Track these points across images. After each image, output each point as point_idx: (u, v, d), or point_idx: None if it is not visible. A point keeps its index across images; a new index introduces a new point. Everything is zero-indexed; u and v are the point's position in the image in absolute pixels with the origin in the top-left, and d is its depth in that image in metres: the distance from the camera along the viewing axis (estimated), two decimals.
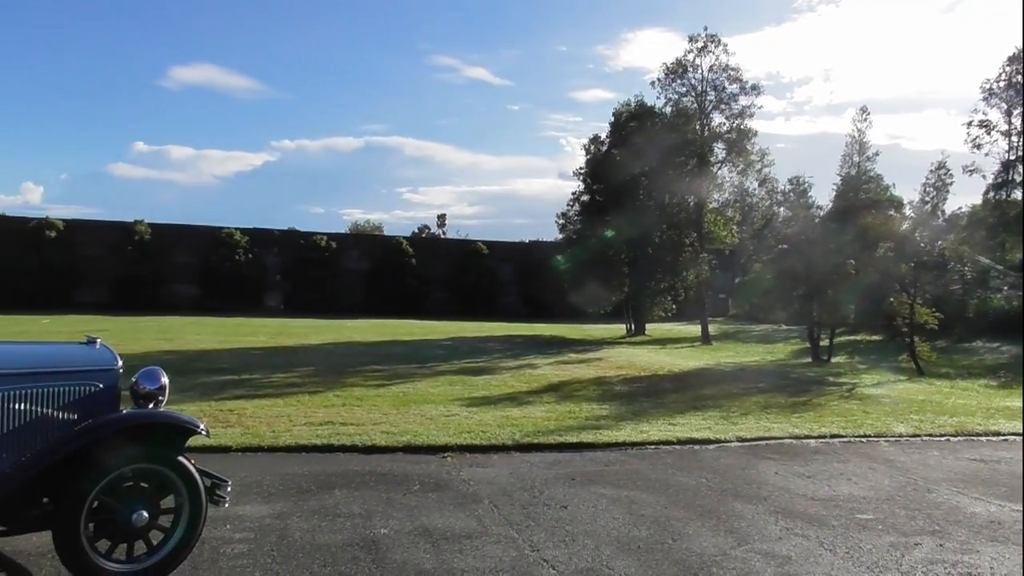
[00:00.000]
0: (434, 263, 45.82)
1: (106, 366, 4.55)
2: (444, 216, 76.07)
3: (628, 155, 27.81)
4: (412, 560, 4.68)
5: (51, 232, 40.11)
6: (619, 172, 27.72)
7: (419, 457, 7.66)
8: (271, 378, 13.40)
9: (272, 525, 5.28)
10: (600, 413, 10.48)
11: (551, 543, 5.10)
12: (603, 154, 29.51)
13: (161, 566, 4.19)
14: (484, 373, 15.19)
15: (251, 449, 7.64)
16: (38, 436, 4.15)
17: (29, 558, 4.53)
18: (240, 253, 42.17)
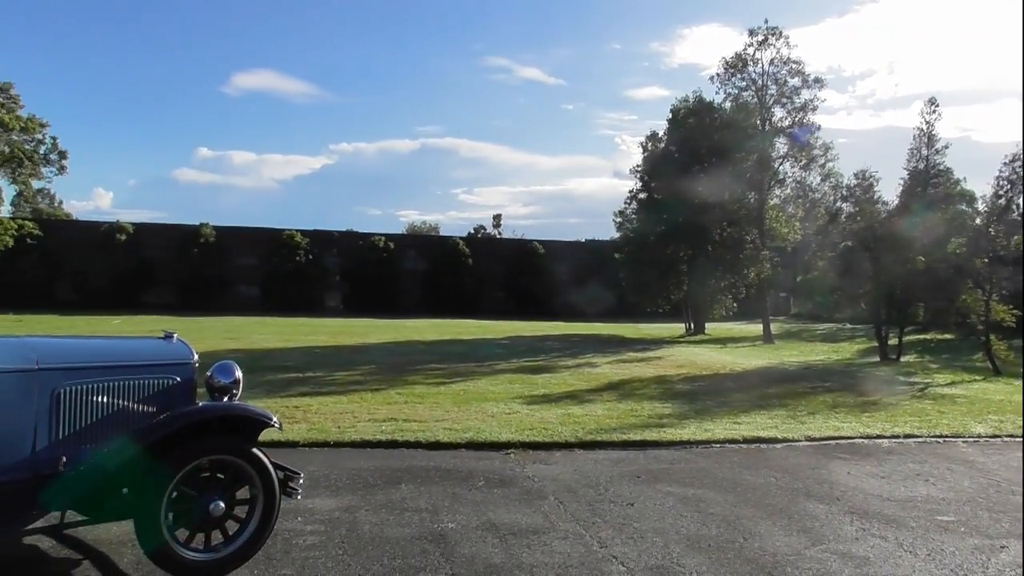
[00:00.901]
0: (491, 263, 46.00)
1: (183, 360, 4.67)
2: (499, 216, 76.21)
3: (687, 151, 27.46)
4: (481, 554, 4.68)
5: (121, 235, 41.54)
6: (678, 169, 27.38)
7: (482, 454, 7.66)
8: (334, 376, 13.60)
9: (341, 518, 5.34)
10: (662, 411, 10.35)
11: (619, 540, 5.04)
12: (661, 151, 29.21)
13: (237, 555, 4.27)
14: (543, 372, 15.16)
15: (318, 444, 7.76)
16: (120, 427, 4.28)
17: (111, 546, 4.66)
18: (301, 254, 43.00)
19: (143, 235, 42.08)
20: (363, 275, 43.72)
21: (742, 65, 28.22)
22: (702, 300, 28.89)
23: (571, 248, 48.76)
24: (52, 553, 4.61)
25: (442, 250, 46.52)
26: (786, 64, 27.79)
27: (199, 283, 41.11)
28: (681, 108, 28.95)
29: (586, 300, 43.96)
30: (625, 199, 31.43)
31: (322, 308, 42.31)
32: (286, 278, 42.27)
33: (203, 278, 41.23)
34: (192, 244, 42.08)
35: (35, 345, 4.20)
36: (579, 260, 46.49)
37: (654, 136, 29.99)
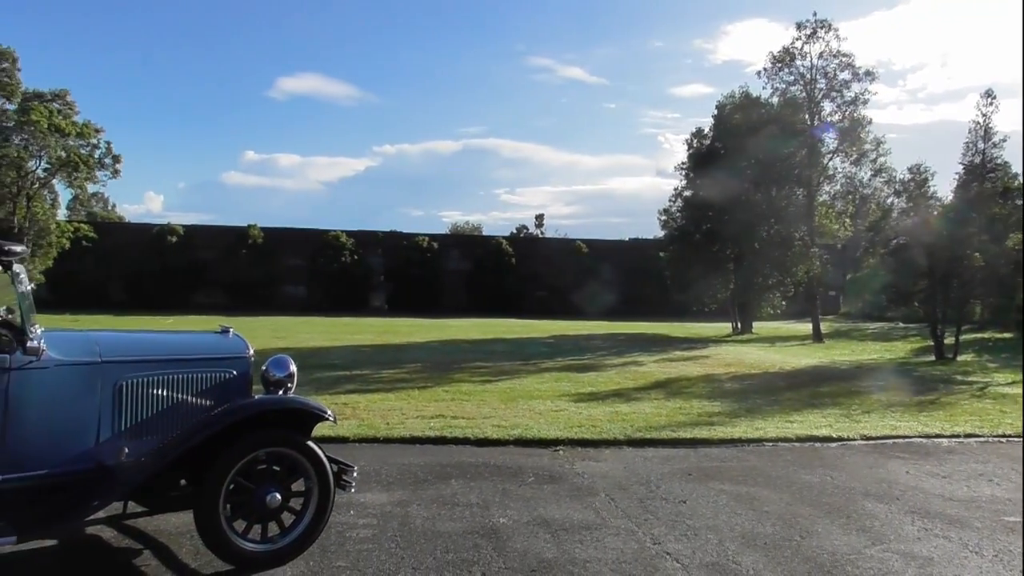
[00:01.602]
0: (534, 262, 46.00)
1: (239, 354, 4.75)
2: (542, 216, 76.03)
3: (733, 148, 27.09)
4: (533, 549, 4.66)
5: (172, 237, 42.50)
6: (724, 166, 27.03)
7: (531, 450, 7.65)
8: (380, 374, 13.71)
9: (393, 512, 5.36)
10: (712, 410, 10.22)
11: (672, 537, 4.98)
12: (707, 148, 28.87)
13: (293, 546, 4.32)
14: (589, 370, 15.09)
15: (367, 440, 7.82)
16: (179, 420, 4.36)
17: (170, 537, 4.75)
18: (346, 255, 43.51)
19: (193, 237, 42.99)
20: (407, 275, 44.06)
21: (790, 59, 27.72)
22: (749, 298, 28.45)
23: (615, 247, 48.52)
24: (114, 543, 4.71)
25: (485, 250, 46.65)
26: (836, 57, 27.24)
27: (247, 283, 41.84)
28: (727, 104, 28.59)
29: (630, 299, 43.72)
30: (670, 197, 31.16)
31: (366, 308, 42.76)
32: (331, 278, 42.81)
33: (251, 278, 41.96)
34: (240, 245, 42.87)
35: (98, 339, 4.30)
36: (623, 259, 46.24)
37: (699, 133, 29.64)
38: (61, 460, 3.92)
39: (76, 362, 4.00)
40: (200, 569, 4.22)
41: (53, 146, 34.02)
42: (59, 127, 33.43)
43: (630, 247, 47.92)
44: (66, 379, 3.95)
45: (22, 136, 33.84)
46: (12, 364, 3.72)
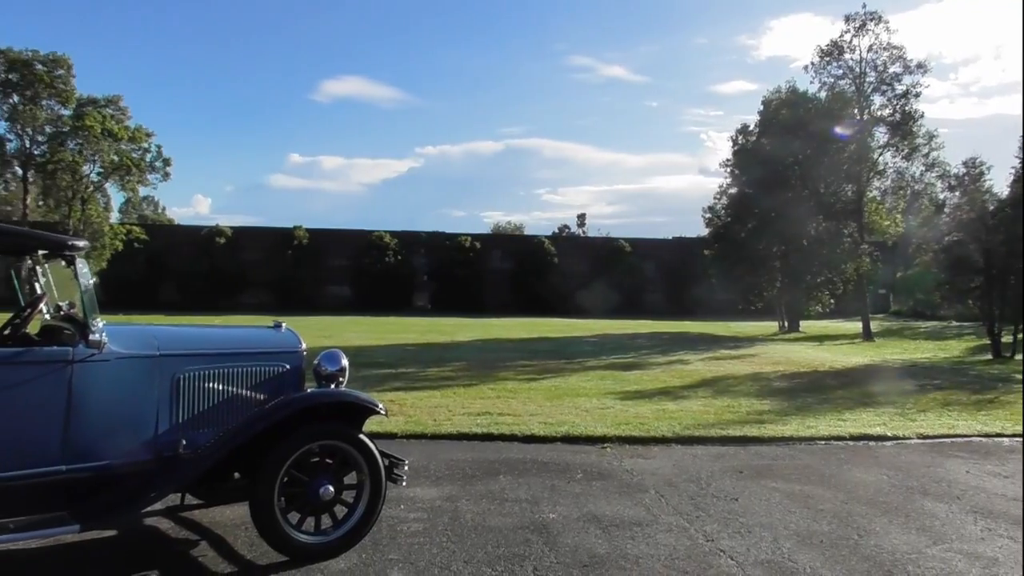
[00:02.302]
0: (576, 261, 45.88)
1: (292, 349, 4.80)
2: (584, 215, 76.06)
3: (780, 144, 26.67)
4: (584, 544, 4.63)
5: (220, 239, 43.34)
6: (770, 162, 26.62)
7: (578, 447, 7.62)
8: (426, 372, 13.79)
9: (443, 507, 5.38)
10: (761, 408, 10.06)
11: (725, 534, 4.91)
12: (752, 144, 28.45)
13: (346, 539, 4.35)
14: (634, 368, 14.99)
15: (415, 436, 7.86)
16: (234, 413, 4.42)
17: (225, 528, 4.82)
18: (390, 255, 43.90)
19: (240, 238, 43.79)
20: (450, 275, 44.29)
21: (838, 53, 27.16)
22: (796, 297, 27.95)
23: (658, 246, 48.14)
24: (171, 533, 4.80)
25: (528, 249, 46.67)
26: (886, 50, 26.60)
27: (293, 283, 42.48)
28: (773, 99, 28.14)
29: (674, 298, 43.35)
30: (714, 194, 30.82)
31: (410, 307, 43.08)
32: (375, 278, 43.23)
33: (296, 279, 42.58)
34: (286, 246, 43.53)
35: (157, 333, 4.38)
36: (667, 258, 45.88)
37: (745, 129, 29.25)
38: (121, 451, 4.00)
39: (136, 355, 4.08)
40: (255, 560, 4.28)
41: (106, 150, 34.94)
42: (112, 132, 34.33)
43: (674, 246, 47.49)
44: (126, 372, 4.03)
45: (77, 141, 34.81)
46: (75, 357, 3.80)
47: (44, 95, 34.08)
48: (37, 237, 4.34)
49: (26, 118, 33.75)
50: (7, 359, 3.73)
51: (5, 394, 3.64)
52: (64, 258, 3.90)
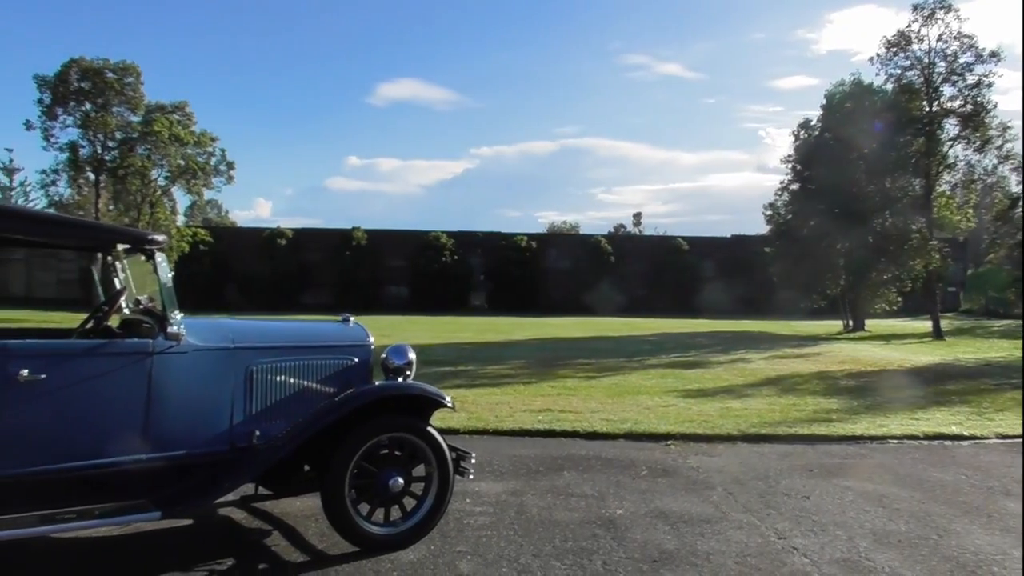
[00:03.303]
0: (633, 260, 45.51)
1: (360, 342, 4.86)
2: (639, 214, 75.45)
3: (844, 138, 26.00)
4: (653, 540, 4.58)
5: (281, 240, 44.23)
6: (834, 157, 25.96)
7: (641, 444, 7.54)
8: (485, 370, 13.83)
9: (509, 501, 5.38)
10: (828, 407, 9.82)
11: (798, 532, 4.79)
12: (815, 139, 27.80)
13: (415, 530, 4.39)
14: (695, 367, 14.78)
15: (477, 432, 7.89)
16: (305, 405, 4.49)
17: (296, 519, 4.91)
18: (446, 255, 44.19)
19: (301, 239, 44.62)
20: (506, 274, 44.38)
21: (905, 43, 26.29)
22: (862, 295, 27.18)
23: (717, 244, 47.43)
24: (245, 523, 4.90)
25: (584, 248, 46.48)
26: (956, 39, 25.67)
27: (352, 284, 43.05)
28: (836, 93, 27.44)
29: (733, 297, 42.67)
30: (775, 191, 30.15)
31: (466, 307, 43.30)
32: (432, 278, 43.56)
33: (355, 279, 43.16)
34: (345, 247, 44.17)
35: (230, 326, 4.49)
36: (725, 256, 45.18)
37: (806, 124, 28.60)
38: (198, 441, 4.10)
39: (212, 348, 4.17)
40: (327, 550, 4.34)
41: (173, 155, 35.93)
42: (179, 137, 35.28)
43: (732, 243, 46.72)
44: (203, 364, 4.12)
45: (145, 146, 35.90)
46: (155, 349, 3.90)
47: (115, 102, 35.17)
48: (120, 231, 4.48)
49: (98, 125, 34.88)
50: (90, 350, 3.86)
51: (89, 384, 3.77)
52: (144, 252, 4.01)
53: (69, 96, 35.08)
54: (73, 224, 5.43)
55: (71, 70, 35.04)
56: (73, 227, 4.76)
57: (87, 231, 4.53)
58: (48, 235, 4.13)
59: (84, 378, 3.74)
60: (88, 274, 33.62)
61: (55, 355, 3.74)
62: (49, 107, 34.97)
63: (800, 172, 28.20)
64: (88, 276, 33.30)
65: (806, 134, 28.54)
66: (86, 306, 8.19)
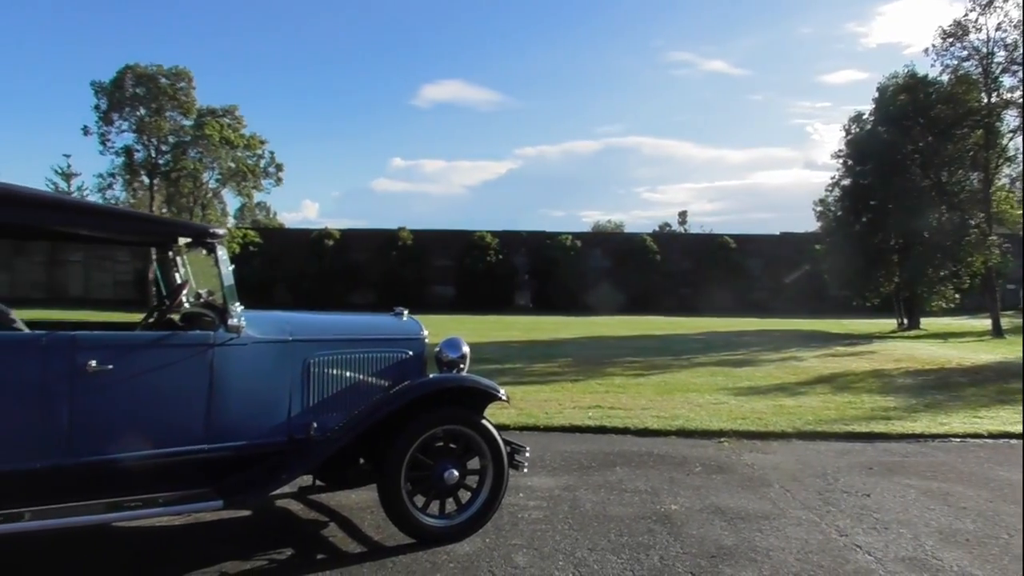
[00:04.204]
0: (679, 259, 45.02)
1: (414, 335, 4.89)
2: (685, 213, 74.52)
3: (897, 131, 25.33)
4: (710, 536, 4.51)
5: (329, 241, 44.78)
6: (887, 151, 25.30)
7: (694, 441, 7.45)
8: (532, 367, 13.81)
9: (562, 496, 5.36)
10: (886, 405, 9.59)
11: (860, 529, 4.68)
12: (867, 133, 27.12)
13: (470, 523, 4.40)
14: (745, 365, 14.57)
15: (527, 428, 7.88)
16: (361, 397, 4.52)
17: (352, 511, 4.95)
18: (491, 254, 44.26)
19: (348, 240, 45.10)
20: (551, 273, 44.26)
21: (962, 33, 25.53)
22: (917, 292, 26.44)
23: (764, 241, 46.64)
24: (302, 515, 4.96)
25: (629, 247, 46.11)
26: (1016, 28, 24.80)
27: (398, 283, 43.33)
28: (890, 85, 26.71)
29: (782, 295, 41.97)
30: (826, 186, 29.46)
31: (511, 306, 43.31)
32: (478, 277, 43.67)
33: (401, 278, 43.46)
34: (391, 247, 44.53)
35: (288, 319, 4.55)
36: (774, 254, 44.40)
37: (858, 117, 27.89)
38: (257, 432, 4.15)
39: (270, 340, 4.23)
40: (383, 542, 4.37)
41: (224, 157, 36.77)
42: (229, 140, 36.10)
43: (781, 241, 45.88)
44: (262, 356, 4.18)
45: (197, 149, 36.76)
46: (216, 340, 3.97)
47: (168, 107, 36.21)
48: (182, 225, 4.58)
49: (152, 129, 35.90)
50: (155, 342, 3.94)
51: (153, 375, 3.84)
52: (205, 246, 4.08)
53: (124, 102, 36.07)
54: (137, 218, 5.57)
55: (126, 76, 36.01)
56: (137, 221, 4.89)
57: (150, 225, 4.64)
58: (113, 229, 4.21)
59: (149, 369, 3.82)
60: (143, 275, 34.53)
61: (121, 346, 3.82)
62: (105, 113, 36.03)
63: (852, 167, 27.54)
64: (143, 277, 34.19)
65: (858, 128, 27.86)
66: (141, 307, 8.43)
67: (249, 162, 37.29)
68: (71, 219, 4.06)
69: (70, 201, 6.96)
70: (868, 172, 26.65)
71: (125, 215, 6.85)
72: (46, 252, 39.28)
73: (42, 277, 39.15)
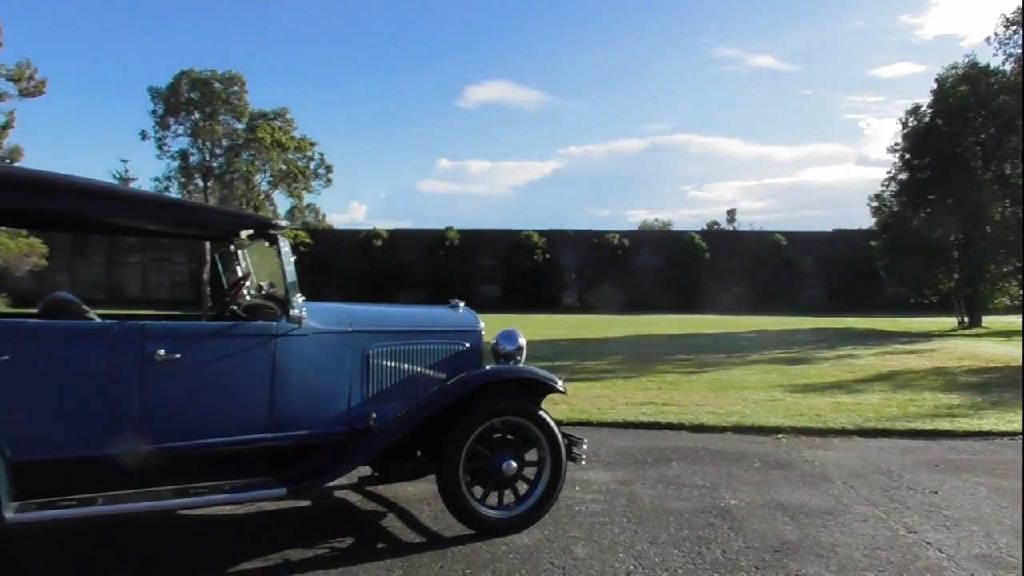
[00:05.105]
0: (729, 257, 44.44)
1: (471, 327, 4.89)
2: (734, 211, 73.37)
3: (958, 123, 24.61)
4: (773, 530, 4.43)
5: (377, 241, 45.27)
6: (947, 143, 24.60)
7: (750, 437, 7.34)
8: (582, 365, 13.76)
9: (619, 490, 5.32)
10: (950, 402, 9.31)
11: (929, 526, 4.55)
12: (925, 125, 26.39)
13: (528, 514, 4.38)
14: (799, 363, 14.29)
15: (580, 424, 7.83)
16: (418, 388, 4.55)
17: (410, 503, 4.98)
18: (538, 253, 44.25)
19: (396, 240, 45.55)
20: (598, 272, 44.08)
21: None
22: (979, 289, 25.62)
23: (817, 239, 45.75)
24: (360, 506, 5.01)
25: (677, 245, 45.67)
26: None
27: (445, 283, 43.58)
28: (949, 76, 25.96)
29: (836, 293, 41.15)
30: (882, 181, 28.73)
31: (559, 305, 43.23)
32: (525, 277, 43.70)
33: (448, 278, 43.70)
34: (439, 247, 44.83)
35: (347, 310, 4.59)
36: (827, 251, 43.54)
37: (916, 110, 27.11)
38: (318, 422, 4.20)
39: (331, 331, 4.27)
40: (441, 532, 4.38)
41: (275, 159, 37.39)
42: (280, 142, 36.71)
43: (834, 238, 44.96)
44: (322, 346, 4.23)
45: (249, 152, 37.48)
46: (278, 331, 4.02)
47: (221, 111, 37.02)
48: (246, 216, 4.67)
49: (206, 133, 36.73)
50: (220, 331, 4.02)
51: (219, 365, 3.91)
52: (268, 237, 4.14)
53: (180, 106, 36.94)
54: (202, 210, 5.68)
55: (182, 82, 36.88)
56: (202, 212, 4.97)
57: (215, 217, 4.72)
58: (179, 221, 4.28)
59: (214, 358, 3.89)
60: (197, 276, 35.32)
61: (188, 336, 3.91)
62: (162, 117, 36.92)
63: (909, 161, 26.82)
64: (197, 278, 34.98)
65: (915, 121, 27.12)
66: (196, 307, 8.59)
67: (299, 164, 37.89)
68: (146, 211, 4.16)
69: (144, 193, 7.16)
70: (927, 166, 25.95)
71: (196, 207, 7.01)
72: (105, 254, 40.48)
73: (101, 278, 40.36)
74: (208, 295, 31.17)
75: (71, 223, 5.19)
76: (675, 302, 41.44)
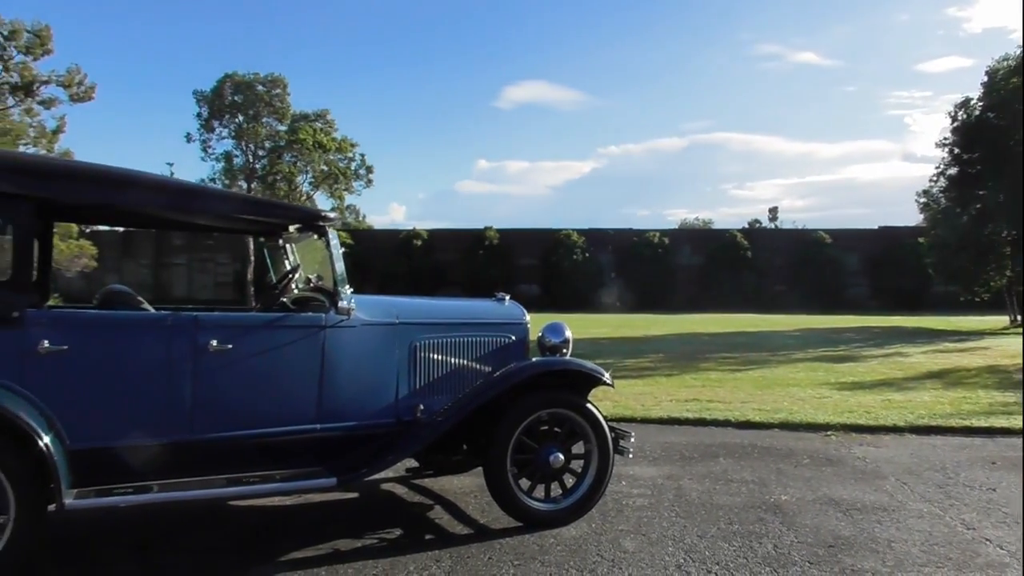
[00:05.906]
0: (771, 255, 43.81)
1: (517, 320, 4.89)
2: (775, 209, 72.14)
3: (1010, 116, 23.96)
4: (826, 526, 4.35)
5: (417, 241, 45.56)
6: (998, 137, 23.97)
7: (798, 434, 7.22)
8: (624, 363, 13.69)
9: (666, 485, 5.27)
10: (1005, 400, 9.05)
11: (988, 524, 4.43)
12: (975, 119, 25.72)
13: (576, 507, 4.37)
14: (846, 361, 14.04)
15: (624, 420, 7.76)
16: (465, 380, 4.56)
17: (456, 495, 5.00)
18: (577, 252, 44.13)
19: (436, 240, 45.79)
20: (638, 271, 43.80)
21: None
22: None
23: (862, 236, 44.86)
24: (407, 498, 5.04)
25: (718, 244, 45.16)
26: None
27: (485, 282, 43.66)
28: (1000, 68, 25.27)
29: (882, 292, 40.35)
30: (931, 176, 28.07)
31: (598, 304, 43.04)
32: (564, 276, 43.61)
33: (488, 277, 43.79)
34: (478, 247, 44.96)
35: (395, 302, 4.62)
36: (872, 249, 42.66)
37: (965, 103, 26.43)
38: (367, 413, 4.23)
39: (379, 323, 4.30)
40: (489, 524, 4.39)
41: (317, 161, 37.83)
42: (322, 144, 37.13)
43: (880, 235, 44.04)
44: (370, 338, 4.26)
45: (292, 154, 37.97)
46: (327, 322, 4.06)
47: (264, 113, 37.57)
48: (297, 209, 4.73)
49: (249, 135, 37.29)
50: (271, 323, 4.07)
51: (270, 355, 3.96)
52: (317, 230, 4.18)
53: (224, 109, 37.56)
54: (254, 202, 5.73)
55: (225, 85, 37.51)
56: (254, 205, 5.03)
57: (266, 209, 4.77)
58: (229, 213, 4.33)
59: (265, 349, 3.94)
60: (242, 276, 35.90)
61: (240, 327, 3.97)
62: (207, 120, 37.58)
63: (959, 156, 26.16)
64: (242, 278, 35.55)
65: (965, 115, 26.45)
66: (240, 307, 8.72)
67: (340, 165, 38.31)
68: (203, 204, 4.24)
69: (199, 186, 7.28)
70: (977, 160, 25.32)
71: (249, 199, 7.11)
72: (152, 255, 41.35)
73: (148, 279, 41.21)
74: (252, 294, 31.67)
75: (148, 220, 5.39)
76: (716, 301, 40.95)
